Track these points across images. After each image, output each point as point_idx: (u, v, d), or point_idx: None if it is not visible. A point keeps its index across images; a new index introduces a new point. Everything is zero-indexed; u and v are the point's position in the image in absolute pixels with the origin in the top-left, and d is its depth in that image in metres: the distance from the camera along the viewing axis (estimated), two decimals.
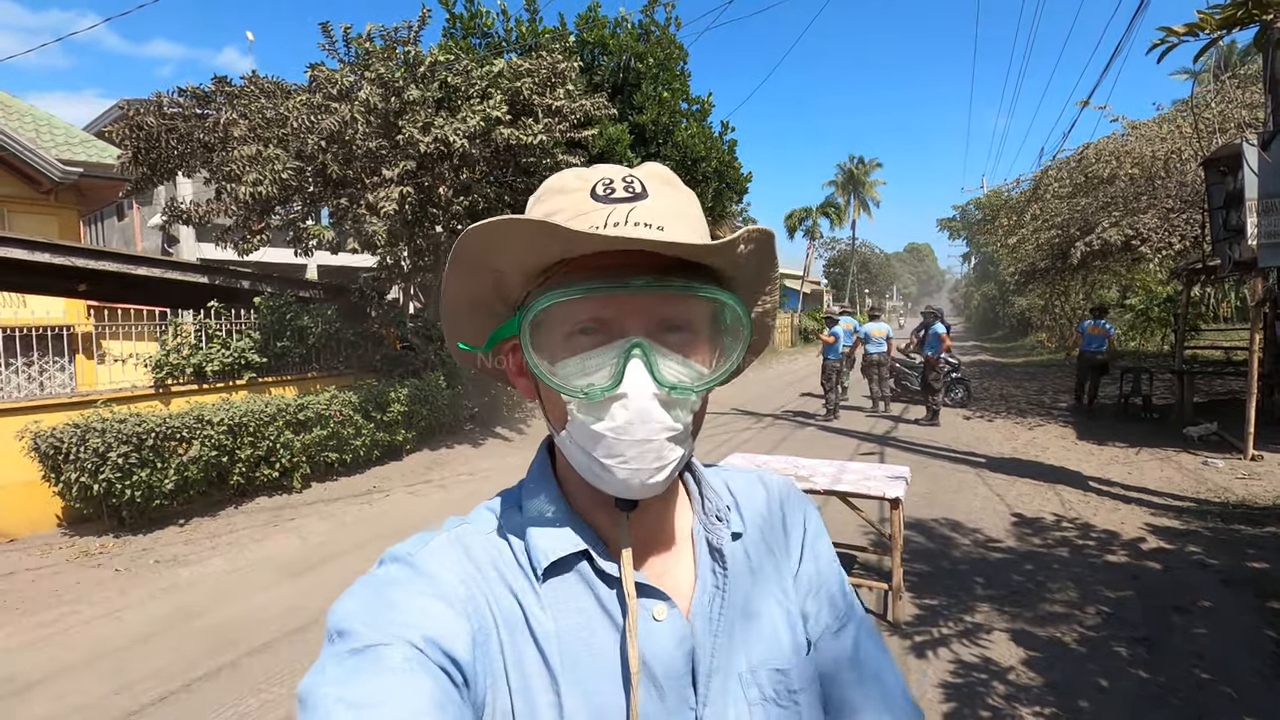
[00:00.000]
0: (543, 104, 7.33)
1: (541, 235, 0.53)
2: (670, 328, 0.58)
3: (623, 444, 0.55)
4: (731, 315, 0.61)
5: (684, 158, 13.26)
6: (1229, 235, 5.46)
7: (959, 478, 6.89)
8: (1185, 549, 4.75)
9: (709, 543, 0.65)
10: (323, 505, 6.54)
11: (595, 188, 0.58)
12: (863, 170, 53.29)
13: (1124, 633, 3.55)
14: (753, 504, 0.72)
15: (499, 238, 0.55)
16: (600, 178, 0.59)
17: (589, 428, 0.56)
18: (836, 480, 3.95)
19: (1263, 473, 6.67)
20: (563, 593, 0.60)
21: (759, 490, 0.74)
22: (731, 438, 9.38)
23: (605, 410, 0.56)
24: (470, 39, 11.36)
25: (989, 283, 36.43)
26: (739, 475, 0.76)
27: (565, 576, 0.60)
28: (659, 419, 0.56)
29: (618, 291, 0.55)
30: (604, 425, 0.55)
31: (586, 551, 0.61)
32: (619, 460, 0.56)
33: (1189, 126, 10.12)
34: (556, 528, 0.61)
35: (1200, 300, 16.23)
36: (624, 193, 0.58)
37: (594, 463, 0.57)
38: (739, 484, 0.74)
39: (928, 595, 4.08)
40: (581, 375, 0.56)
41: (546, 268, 0.58)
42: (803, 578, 0.70)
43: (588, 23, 12.98)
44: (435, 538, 0.62)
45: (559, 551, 0.60)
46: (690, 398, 0.58)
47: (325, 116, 6.29)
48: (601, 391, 0.55)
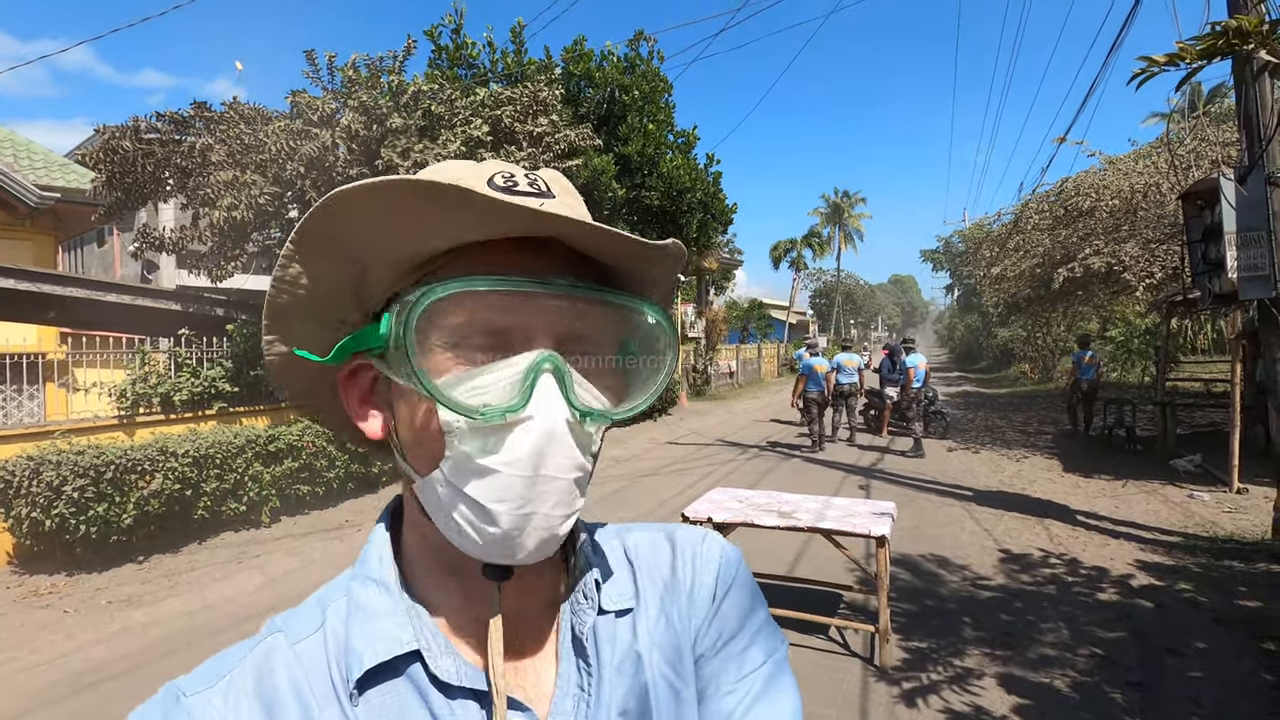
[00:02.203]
0: (525, 131, 7.31)
1: (440, 206, 0.41)
2: (580, 345, 0.47)
3: (518, 483, 0.43)
4: (663, 340, 0.51)
5: (669, 188, 13.35)
6: (1208, 268, 5.48)
7: (946, 511, 6.78)
8: (1176, 586, 4.65)
9: (573, 630, 0.52)
10: (291, 540, 6.30)
11: (494, 178, 0.47)
12: (847, 203, 54.22)
13: (1117, 677, 3.42)
14: (656, 569, 0.58)
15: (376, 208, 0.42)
16: (498, 170, 0.48)
17: (475, 461, 0.43)
18: (821, 517, 3.82)
19: (1249, 506, 6.62)
20: (384, 712, 0.46)
21: (664, 551, 0.60)
22: (715, 469, 9.24)
23: (500, 439, 0.43)
24: (456, 70, 11.42)
25: (972, 314, 36.81)
26: (641, 533, 0.61)
27: (389, 687, 0.46)
28: (568, 452, 0.44)
29: (537, 290, 0.44)
30: (497, 458, 0.43)
31: (418, 652, 0.47)
32: (510, 505, 0.43)
33: (1164, 162, 10.31)
34: (381, 620, 0.47)
35: (1178, 332, 16.42)
36: (529, 189, 0.47)
37: (471, 511, 0.44)
38: (639, 544, 0.60)
39: (915, 637, 3.93)
40: (472, 394, 0.43)
41: (430, 258, 0.46)
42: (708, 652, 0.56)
43: (574, 55, 13.15)
44: (232, 667, 0.48)
45: (379, 654, 0.46)
46: (598, 431, 0.48)
47: (305, 142, 6.21)
48: (502, 413, 0.43)
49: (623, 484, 8.46)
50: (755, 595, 0.60)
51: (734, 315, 29.17)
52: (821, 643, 3.87)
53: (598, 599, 0.53)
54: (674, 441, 12.05)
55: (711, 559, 0.59)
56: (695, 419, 15.47)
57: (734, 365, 24.52)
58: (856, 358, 11.50)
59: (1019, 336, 26.99)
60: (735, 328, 28.83)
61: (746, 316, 28.80)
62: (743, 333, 28.66)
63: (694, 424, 14.62)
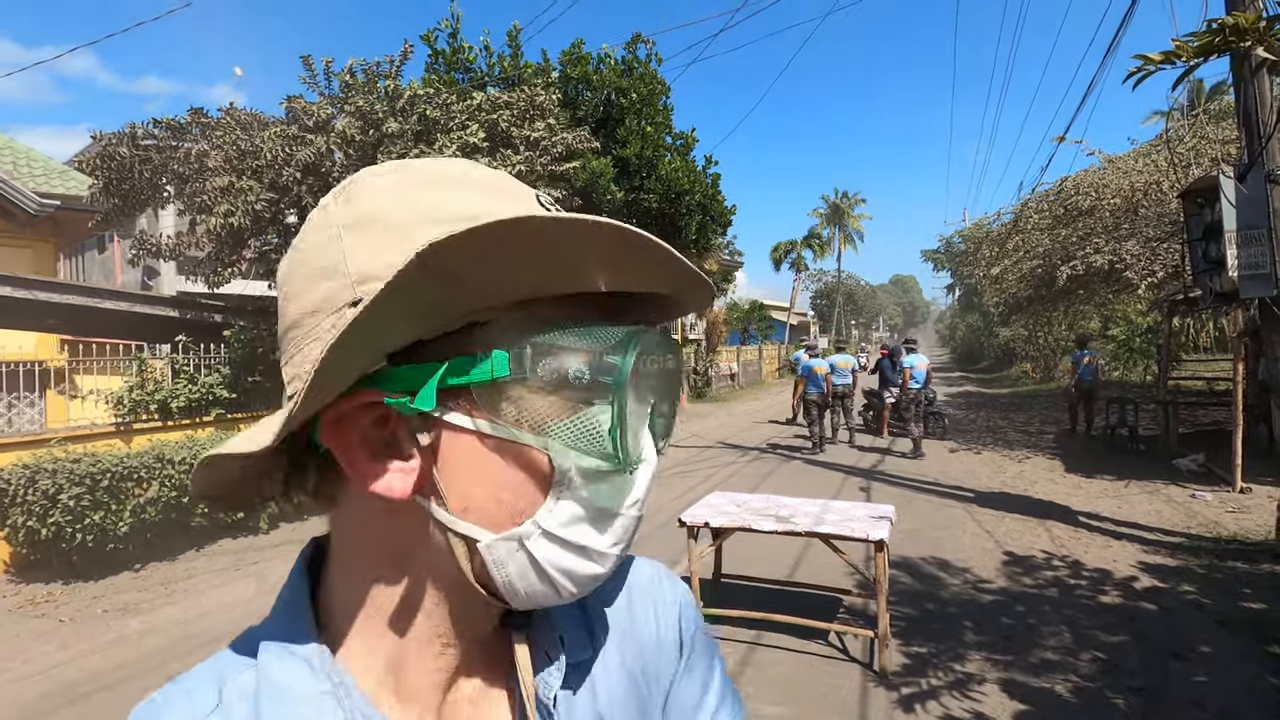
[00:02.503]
0: (521, 136, 7.30)
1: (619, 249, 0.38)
2: None
3: (633, 523, 0.42)
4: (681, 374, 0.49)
5: (668, 191, 13.32)
6: (1209, 267, 5.43)
7: (947, 513, 6.74)
8: (1179, 588, 4.60)
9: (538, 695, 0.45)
10: (288, 547, 6.27)
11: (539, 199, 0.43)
12: (847, 203, 54.20)
13: (1120, 682, 3.38)
14: (612, 612, 0.53)
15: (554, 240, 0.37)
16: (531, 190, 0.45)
17: (598, 507, 0.40)
18: (819, 521, 3.79)
19: (1252, 506, 6.57)
20: None
21: (616, 591, 0.55)
22: (715, 472, 9.20)
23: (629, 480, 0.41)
24: (453, 74, 11.42)
25: (973, 314, 36.76)
26: None
27: None
28: None
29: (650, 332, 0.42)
30: (625, 500, 0.41)
31: None
32: (621, 546, 0.42)
33: (1164, 160, 10.27)
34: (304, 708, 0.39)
35: (1180, 331, 16.36)
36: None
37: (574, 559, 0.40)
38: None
39: (915, 642, 3.89)
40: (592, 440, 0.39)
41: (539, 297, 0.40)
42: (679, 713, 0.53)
43: (571, 59, 13.13)
44: None
45: None
46: None
47: (301, 148, 6.20)
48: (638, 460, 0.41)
49: None
50: (713, 643, 0.56)
51: (735, 317, 29.14)
52: (821, 648, 3.84)
53: (562, 655, 0.47)
54: (675, 444, 12.02)
55: (672, 602, 0.56)
56: (696, 421, 15.43)
57: (735, 367, 24.48)
58: (851, 359, 11.50)
59: (1020, 336, 26.93)
60: (736, 329, 28.80)
61: (747, 318, 28.76)
62: (743, 334, 28.62)
63: (694, 426, 14.58)
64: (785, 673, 3.58)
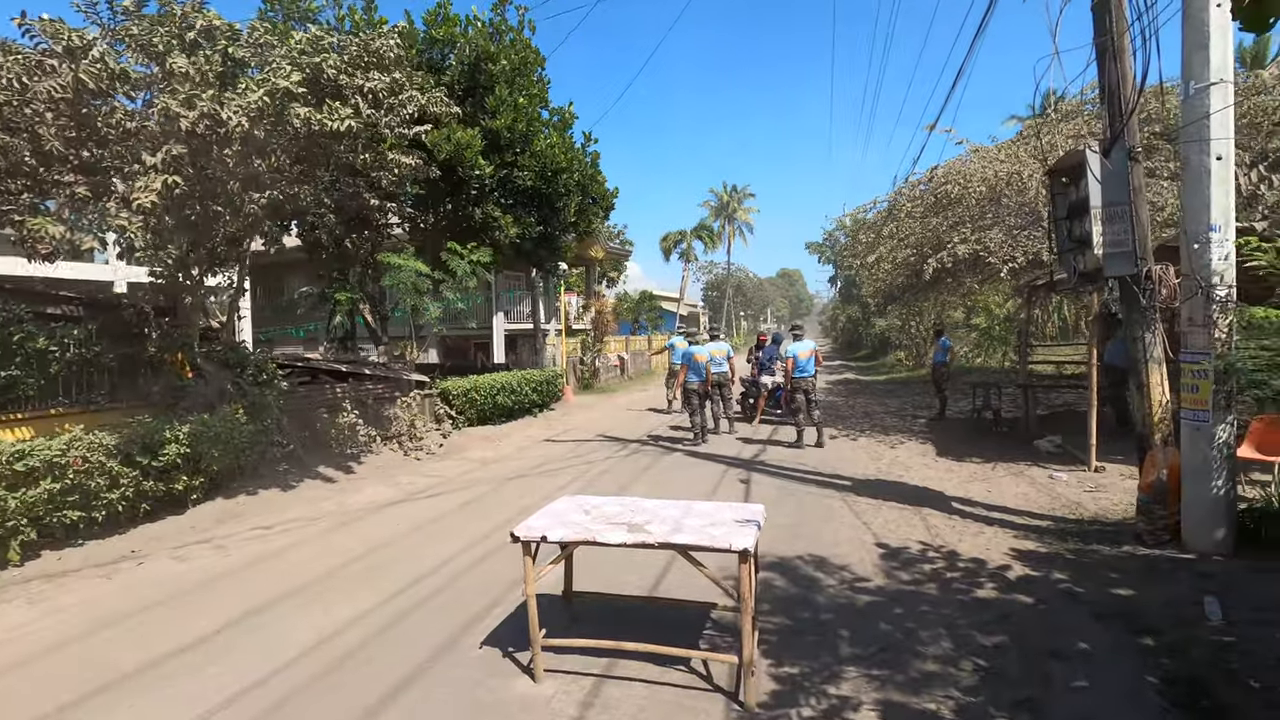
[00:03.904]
0: (353, 86, 6.22)
1: None
2: None
3: None
4: None
5: (544, 168, 12.47)
6: (1074, 246, 5.37)
7: (825, 505, 6.43)
8: (1051, 576, 4.43)
9: None
10: (42, 582, 4.99)
11: None
12: (735, 197, 55.30)
13: (1005, 694, 3.01)
14: None
15: None
16: None
17: None
18: (678, 528, 3.19)
19: (1107, 484, 6.73)
20: None
21: None
22: (590, 469, 8.54)
23: None
24: (290, 24, 9.97)
25: (853, 305, 38.40)
26: None
27: None
28: None
29: None
30: None
31: None
32: None
33: (1024, 152, 10.67)
34: None
35: (1031, 320, 17.55)
36: None
37: None
38: None
39: (787, 660, 3.39)
40: None
41: None
42: None
43: (435, 19, 11.96)
44: None
45: None
46: None
47: (44, 78, 4.85)
48: None
49: (485, 489, 7.58)
50: None
51: (625, 308, 28.70)
52: (682, 676, 3.26)
53: None
54: (552, 439, 11.25)
55: None
56: (579, 413, 14.73)
57: (624, 356, 24.01)
58: (726, 346, 11.21)
59: (894, 326, 28.28)
60: (627, 319, 28.38)
61: (638, 308, 28.43)
62: (634, 324, 28.27)
63: (577, 418, 13.88)
64: (634, 712, 2.96)
